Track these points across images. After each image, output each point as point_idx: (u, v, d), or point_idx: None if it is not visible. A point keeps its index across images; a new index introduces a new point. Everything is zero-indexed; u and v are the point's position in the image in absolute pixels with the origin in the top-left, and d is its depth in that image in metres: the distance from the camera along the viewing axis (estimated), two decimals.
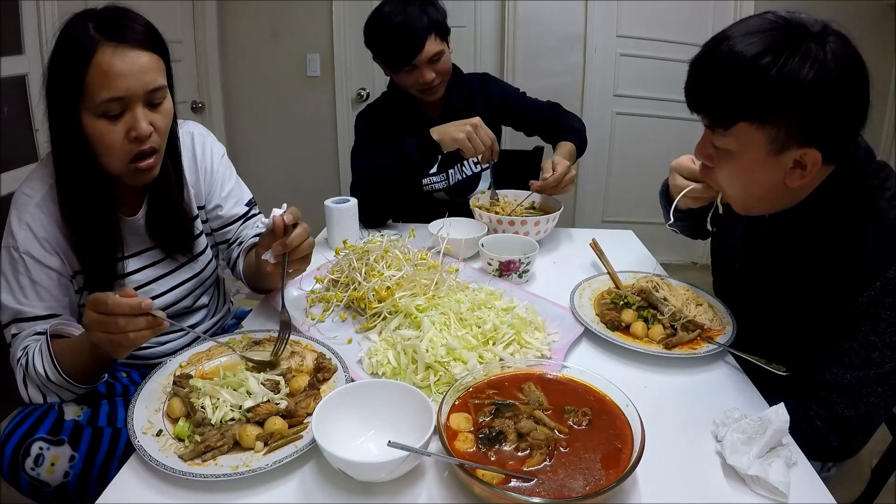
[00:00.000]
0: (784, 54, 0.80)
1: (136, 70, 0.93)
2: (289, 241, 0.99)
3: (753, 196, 0.96)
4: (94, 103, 0.92)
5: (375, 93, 3.42)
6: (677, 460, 0.81)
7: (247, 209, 1.30)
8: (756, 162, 0.88)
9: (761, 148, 0.86)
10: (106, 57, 0.91)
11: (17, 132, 2.06)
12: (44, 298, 1.02)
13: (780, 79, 0.80)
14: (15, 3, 2.04)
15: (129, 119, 0.95)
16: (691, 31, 3.08)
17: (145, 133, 0.96)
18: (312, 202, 1.61)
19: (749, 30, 0.84)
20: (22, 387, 0.98)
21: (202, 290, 1.28)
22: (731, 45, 0.84)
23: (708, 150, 0.95)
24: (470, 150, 1.53)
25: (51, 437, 0.94)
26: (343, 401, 0.83)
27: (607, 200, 3.46)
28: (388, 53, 1.66)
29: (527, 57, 3.22)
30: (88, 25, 0.92)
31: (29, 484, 0.93)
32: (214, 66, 3.35)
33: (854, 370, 0.91)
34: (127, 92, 0.93)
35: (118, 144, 0.96)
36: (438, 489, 0.76)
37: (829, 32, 0.83)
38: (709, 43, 0.89)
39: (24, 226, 1.00)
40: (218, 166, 1.25)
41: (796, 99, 0.81)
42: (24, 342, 1.00)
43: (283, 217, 0.97)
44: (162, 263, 1.18)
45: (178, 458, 0.78)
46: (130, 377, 1.20)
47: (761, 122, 0.84)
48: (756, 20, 0.86)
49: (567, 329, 1.12)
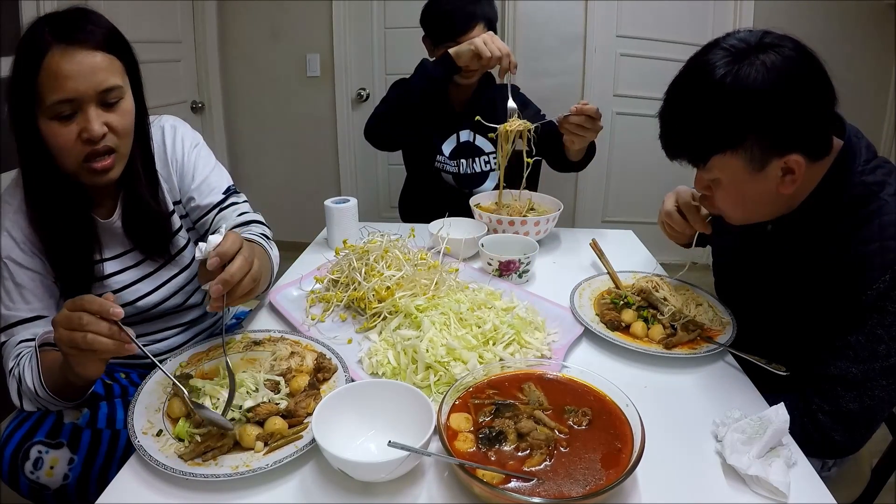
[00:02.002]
0: (733, 72, 0.84)
1: (87, 71, 0.92)
2: (226, 279, 0.86)
3: (754, 212, 0.99)
4: (45, 105, 0.92)
5: (375, 93, 3.42)
6: (677, 460, 0.81)
7: (223, 197, 1.22)
8: (743, 183, 0.91)
9: (743, 170, 0.89)
10: (55, 59, 0.90)
11: None
12: (29, 301, 1.01)
13: (732, 100, 0.84)
14: (15, 3, 2.04)
15: (81, 120, 0.95)
16: (691, 31, 3.08)
17: (97, 134, 0.95)
18: (312, 202, 1.61)
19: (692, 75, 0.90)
20: (16, 398, 0.97)
21: (192, 287, 1.24)
22: (683, 92, 0.91)
23: (702, 182, 1.00)
24: (486, 52, 1.58)
25: (49, 440, 0.94)
26: (343, 401, 0.83)
27: (607, 200, 3.46)
28: (438, 25, 1.75)
29: (527, 57, 3.21)
30: (45, 29, 0.92)
31: (28, 487, 0.92)
32: (214, 66, 3.35)
33: (860, 363, 0.91)
34: (76, 93, 0.92)
35: (70, 146, 0.95)
36: (438, 489, 0.76)
37: (764, 45, 0.86)
38: (666, 93, 0.94)
39: (5, 232, 1.01)
40: (188, 157, 1.19)
41: (750, 117, 0.84)
42: (15, 350, 0.98)
43: (208, 263, 0.87)
44: (144, 264, 1.15)
45: (178, 458, 0.78)
46: (129, 378, 1.19)
47: (732, 150, 0.88)
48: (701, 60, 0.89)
49: (567, 329, 1.12)
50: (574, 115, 1.48)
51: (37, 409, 0.98)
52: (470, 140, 1.89)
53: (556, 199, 1.64)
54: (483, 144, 1.89)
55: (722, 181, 0.94)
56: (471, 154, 1.89)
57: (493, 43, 1.59)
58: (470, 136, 1.89)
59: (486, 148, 1.89)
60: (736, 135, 0.86)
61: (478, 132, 1.87)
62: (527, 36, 3.18)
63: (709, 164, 0.91)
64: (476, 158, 1.90)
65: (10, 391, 0.98)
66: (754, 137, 0.86)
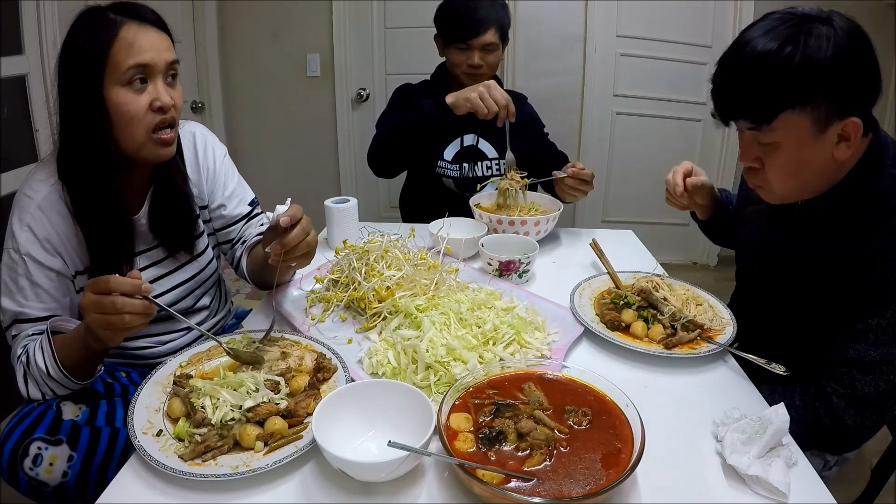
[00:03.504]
0: (801, 39, 0.85)
1: (158, 45, 1.00)
2: (286, 241, 1.01)
3: (806, 181, 0.97)
4: (120, 72, 0.97)
5: (375, 93, 3.42)
6: (677, 460, 0.81)
7: (250, 209, 1.32)
8: (805, 145, 0.91)
9: (807, 130, 0.89)
10: (131, 31, 0.97)
11: (17, 132, 2.06)
12: (43, 300, 1.02)
13: (805, 62, 0.85)
14: (15, 3, 2.04)
15: (152, 90, 1.00)
16: (691, 31, 3.09)
17: (168, 102, 1.01)
18: (312, 202, 1.60)
19: (763, 30, 0.89)
20: (22, 384, 0.99)
21: (203, 290, 1.28)
22: (753, 46, 0.88)
23: (753, 152, 0.97)
24: (482, 109, 1.54)
25: (49, 436, 0.94)
26: (343, 401, 0.83)
27: (607, 200, 3.46)
28: (451, 25, 1.74)
29: (527, 57, 3.22)
30: (107, 12, 0.98)
31: (28, 484, 0.92)
32: (214, 66, 3.35)
33: (879, 347, 0.93)
34: (152, 61, 0.99)
35: (143, 114, 1.00)
36: (438, 489, 0.76)
37: (831, 14, 0.88)
38: (727, 54, 0.93)
39: (26, 227, 1.01)
40: (220, 166, 1.26)
41: (824, 75, 0.85)
42: (23, 341, 1.01)
43: (280, 220, 1.00)
44: (164, 263, 1.18)
45: (178, 458, 0.78)
46: (130, 377, 1.20)
47: (801, 107, 0.88)
48: (764, 22, 0.91)
49: (567, 329, 1.12)
50: (570, 177, 1.56)
51: (42, 395, 0.98)
52: (473, 144, 1.87)
53: (557, 200, 1.64)
54: (486, 149, 1.87)
55: (781, 145, 0.92)
56: (473, 158, 1.87)
57: (491, 95, 1.53)
58: (474, 140, 1.87)
59: (490, 153, 1.87)
60: (808, 92, 0.86)
61: (482, 136, 1.86)
62: (527, 36, 3.18)
63: (774, 124, 0.90)
64: (479, 163, 1.87)
65: (16, 378, 0.99)
66: (823, 98, 0.87)
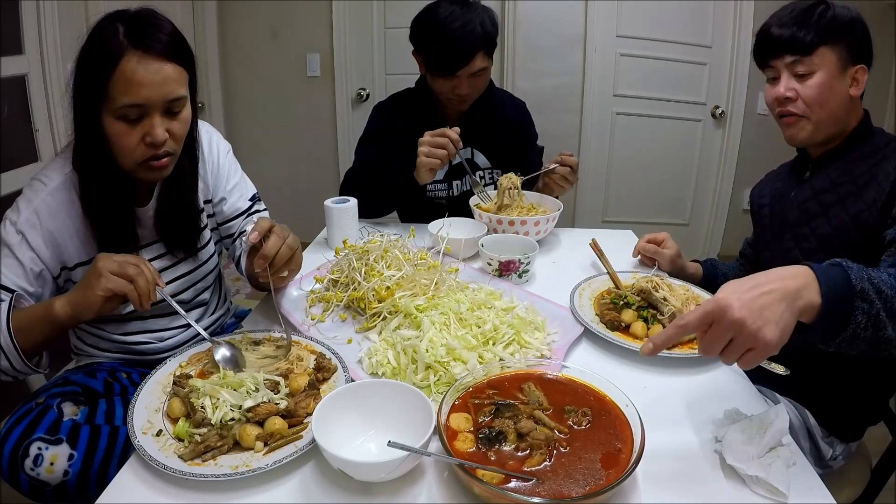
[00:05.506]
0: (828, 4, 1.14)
1: (159, 81, 0.96)
2: (266, 253, 1.01)
3: (831, 111, 1.16)
4: (115, 106, 0.96)
5: (375, 93, 3.42)
6: (677, 460, 0.81)
7: (250, 203, 1.32)
8: (833, 76, 1.14)
9: (835, 65, 1.13)
10: (131, 65, 0.94)
11: (17, 132, 2.07)
12: (18, 275, 1.03)
13: (833, 16, 1.13)
14: (15, 3, 2.04)
15: (146, 125, 0.99)
16: (691, 31, 3.09)
17: (160, 140, 1.00)
18: (312, 202, 1.61)
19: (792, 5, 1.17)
20: None
21: (203, 284, 1.29)
22: (795, 6, 1.16)
23: (790, 83, 1.17)
24: (446, 159, 1.52)
25: (49, 436, 0.94)
26: (343, 401, 0.83)
27: (607, 200, 3.46)
28: (434, 58, 1.62)
29: (527, 57, 3.22)
30: (119, 29, 0.95)
31: (28, 484, 0.92)
32: (214, 66, 3.36)
33: None
34: (147, 101, 0.97)
35: (133, 147, 1.00)
36: (438, 489, 0.76)
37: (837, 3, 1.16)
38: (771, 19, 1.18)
39: (33, 209, 1.04)
40: (224, 161, 1.28)
41: (847, 27, 1.13)
42: None
43: (251, 238, 1.01)
44: (165, 257, 1.20)
45: (178, 458, 0.78)
46: (130, 377, 1.20)
47: (833, 44, 1.13)
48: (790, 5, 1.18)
49: (567, 329, 1.12)
50: (560, 165, 1.58)
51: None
52: (469, 157, 1.80)
53: (557, 199, 1.64)
54: (479, 161, 1.81)
55: (817, 73, 1.14)
56: (463, 173, 1.79)
57: (433, 147, 1.50)
58: (468, 153, 1.80)
59: (483, 164, 1.81)
60: (838, 36, 1.12)
61: (475, 148, 1.80)
62: (527, 36, 3.18)
63: (815, 53, 1.13)
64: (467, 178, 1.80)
65: None
66: (845, 44, 1.13)
